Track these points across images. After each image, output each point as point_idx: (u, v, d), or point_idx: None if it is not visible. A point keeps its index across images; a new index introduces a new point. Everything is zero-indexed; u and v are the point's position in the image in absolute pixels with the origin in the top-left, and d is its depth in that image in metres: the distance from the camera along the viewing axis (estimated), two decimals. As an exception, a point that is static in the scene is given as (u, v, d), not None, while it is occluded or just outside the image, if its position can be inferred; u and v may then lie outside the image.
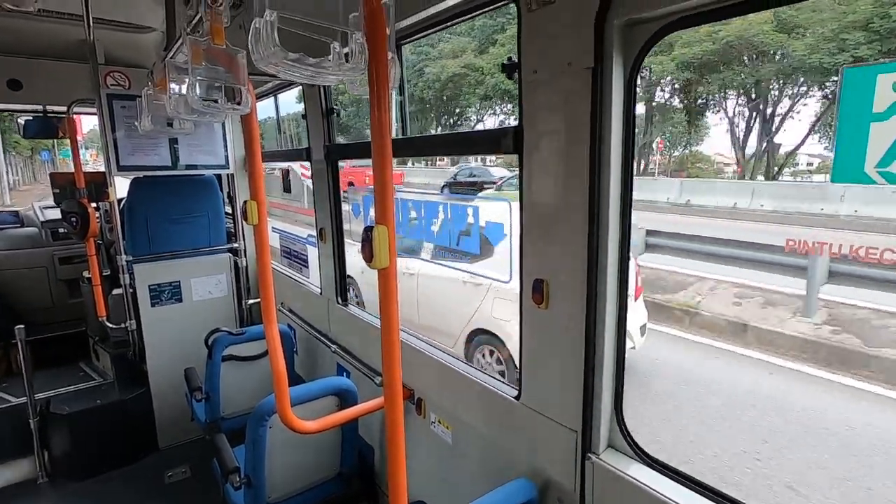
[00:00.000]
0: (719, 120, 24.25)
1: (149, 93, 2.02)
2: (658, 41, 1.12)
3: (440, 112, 30.70)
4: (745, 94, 22.58)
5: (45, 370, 3.44)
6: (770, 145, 21.95)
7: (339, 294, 2.69)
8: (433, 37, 23.80)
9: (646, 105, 24.24)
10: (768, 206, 13.32)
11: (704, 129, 25.92)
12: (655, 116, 24.94)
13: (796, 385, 4.62)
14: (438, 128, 30.59)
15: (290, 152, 3.16)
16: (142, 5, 2.97)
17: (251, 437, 1.83)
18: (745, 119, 23.10)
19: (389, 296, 1.06)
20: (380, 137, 0.99)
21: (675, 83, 23.14)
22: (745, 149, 23.43)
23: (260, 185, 1.71)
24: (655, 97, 24.21)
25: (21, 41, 3.26)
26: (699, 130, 25.67)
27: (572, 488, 1.37)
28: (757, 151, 22.79)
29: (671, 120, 24.92)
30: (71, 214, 2.99)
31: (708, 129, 26.14)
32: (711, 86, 22.09)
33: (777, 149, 22.09)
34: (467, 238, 2.22)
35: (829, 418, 3.97)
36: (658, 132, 25.30)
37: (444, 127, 30.60)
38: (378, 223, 1.00)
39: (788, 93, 21.25)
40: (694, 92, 23.07)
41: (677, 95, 24.11)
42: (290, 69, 0.81)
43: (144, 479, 2.97)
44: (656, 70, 22.03)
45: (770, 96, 21.74)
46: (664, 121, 24.92)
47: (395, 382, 1.12)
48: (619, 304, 1.28)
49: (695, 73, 21.57)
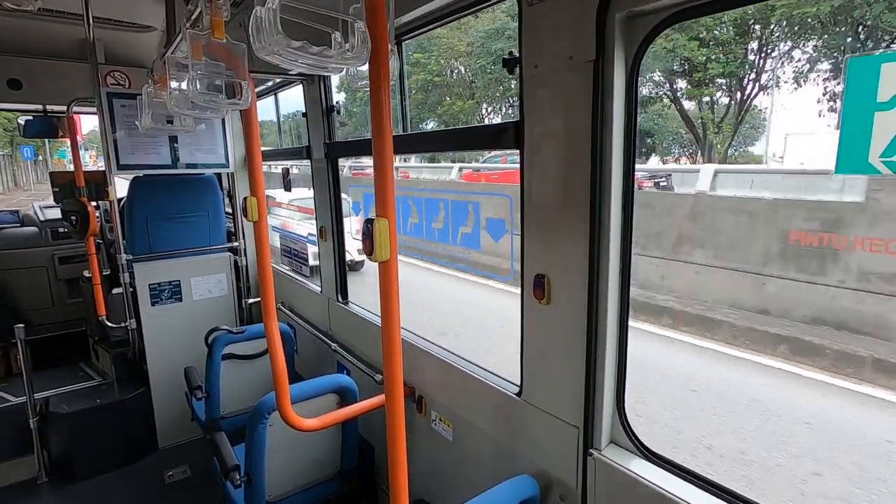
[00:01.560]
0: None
1: (149, 90, 2.02)
2: (659, 33, 1.12)
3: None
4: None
5: (45, 370, 3.43)
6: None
7: (339, 292, 2.68)
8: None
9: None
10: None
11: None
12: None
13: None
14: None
15: (290, 151, 3.15)
16: (142, 4, 2.97)
17: (251, 435, 1.82)
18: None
19: (390, 288, 1.05)
20: (380, 131, 0.98)
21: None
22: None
23: (260, 182, 1.70)
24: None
25: (21, 40, 3.26)
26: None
27: (574, 484, 1.36)
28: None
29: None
30: (71, 213, 2.98)
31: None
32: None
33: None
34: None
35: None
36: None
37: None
38: (379, 216, 1.00)
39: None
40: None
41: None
42: (293, 58, 0.81)
43: (144, 478, 2.96)
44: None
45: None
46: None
47: (395, 375, 1.11)
48: (620, 298, 1.28)
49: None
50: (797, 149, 15.20)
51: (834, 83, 15.87)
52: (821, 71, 16.08)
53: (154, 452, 3.17)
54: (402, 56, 1.09)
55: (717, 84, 18.64)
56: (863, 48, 14.13)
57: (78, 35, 3.31)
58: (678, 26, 15.52)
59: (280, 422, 1.74)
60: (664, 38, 16.70)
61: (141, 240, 3.07)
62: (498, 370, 1.70)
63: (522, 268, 1.43)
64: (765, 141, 19.06)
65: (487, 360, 1.75)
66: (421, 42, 23.61)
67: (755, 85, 18.53)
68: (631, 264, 1.26)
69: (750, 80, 18.50)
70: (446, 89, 26.02)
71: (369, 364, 2.37)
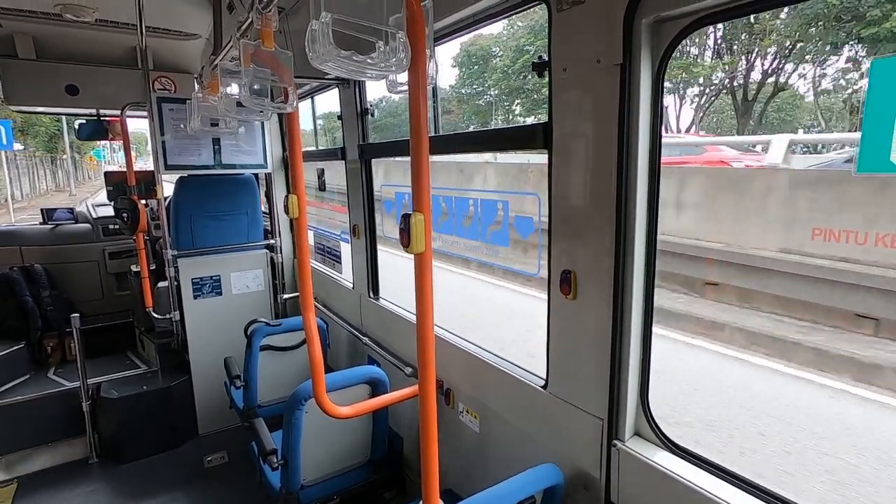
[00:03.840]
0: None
1: (198, 95, 2.15)
2: (685, 37, 1.15)
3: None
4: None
5: (96, 358, 3.65)
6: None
7: (371, 288, 2.78)
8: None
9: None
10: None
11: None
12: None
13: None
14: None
15: (325, 152, 3.27)
16: (189, 13, 3.14)
17: (288, 420, 1.92)
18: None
19: (424, 279, 1.12)
20: (418, 131, 1.05)
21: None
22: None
23: (300, 181, 1.80)
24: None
25: (78, 49, 3.50)
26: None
27: (598, 475, 1.40)
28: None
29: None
30: (122, 210, 3.18)
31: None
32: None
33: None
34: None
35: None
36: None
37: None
38: (416, 211, 1.07)
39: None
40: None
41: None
42: (342, 66, 0.89)
43: (186, 463, 3.12)
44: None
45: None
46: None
47: (428, 362, 1.18)
48: (646, 294, 1.31)
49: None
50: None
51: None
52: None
53: (195, 438, 3.34)
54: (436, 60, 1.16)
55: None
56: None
57: (129, 43, 3.53)
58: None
59: (315, 409, 1.83)
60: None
61: (185, 236, 3.24)
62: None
63: (550, 264, 1.48)
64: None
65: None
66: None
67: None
68: (656, 260, 1.30)
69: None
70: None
71: (399, 357, 2.45)
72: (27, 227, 4.24)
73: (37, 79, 3.41)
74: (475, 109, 31.73)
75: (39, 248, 4.06)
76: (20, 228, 4.22)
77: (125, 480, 2.96)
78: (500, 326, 6.23)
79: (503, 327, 6.19)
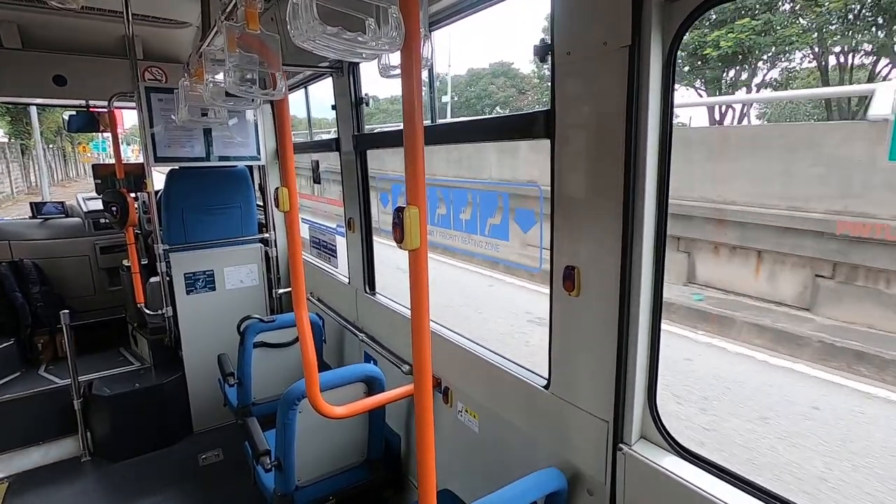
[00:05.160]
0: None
1: (185, 84, 2.07)
2: (698, 17, 1.08)
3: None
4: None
5: (88, 354, 3.59)
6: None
7: (366, 283, 2.71)
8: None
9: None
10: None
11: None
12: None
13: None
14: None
15: (319, 143, 3.19)
16: (177, 1, 3.04)
17: (281, 421, 1.86)
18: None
19: (420, 277, 1.05)
20: (411, 119, 0.98)
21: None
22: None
23: (291, 173, 1.72)
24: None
25: (65, 38, 3.40)
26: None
27: (603, 479, 1.35)
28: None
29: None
30: (112, 204, 3.10)
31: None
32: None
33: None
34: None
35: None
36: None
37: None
38: (410, 204, 0.99)
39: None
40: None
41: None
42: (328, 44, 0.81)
43: (180, 460, 3.07)
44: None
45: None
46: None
47: (424, 362, 1.12)
48: (654, 290, 1.25)
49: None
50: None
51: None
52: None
53: (189, 436, 3.29)
54: (433, 45, 1.08)
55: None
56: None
57: (117, 32, 3.43)
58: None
59: (309, 409, 1.77)
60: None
61: (177, 230, 3.17)
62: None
63: (552, 259, 1.41)
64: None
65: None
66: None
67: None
68: (665, 256, 1.23)
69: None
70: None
71: (396, 354, 2.39)
72: (16, 222, 4.16)
73: (23, 68, 3.32)
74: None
75: (29, 242, 3.97)
76: (8, 223, 4.14)
77: (118, 479, 2.90)
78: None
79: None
